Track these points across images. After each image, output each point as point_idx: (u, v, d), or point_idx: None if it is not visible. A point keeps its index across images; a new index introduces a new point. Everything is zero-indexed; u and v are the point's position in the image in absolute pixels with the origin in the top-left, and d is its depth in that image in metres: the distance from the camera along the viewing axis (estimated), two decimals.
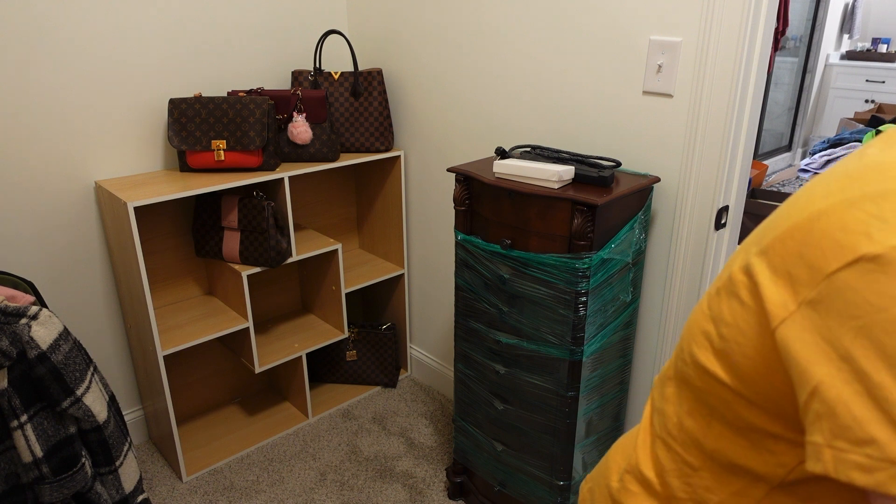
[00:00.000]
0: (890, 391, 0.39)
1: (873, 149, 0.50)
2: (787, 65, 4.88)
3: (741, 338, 0.51)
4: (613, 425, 1.73)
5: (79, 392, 1.22)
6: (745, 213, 3.10)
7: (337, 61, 2.29)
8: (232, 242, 1.97)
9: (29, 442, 1.17)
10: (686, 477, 0.62)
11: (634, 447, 0.71)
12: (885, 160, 0.46)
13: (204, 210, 2.00)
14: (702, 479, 0.60)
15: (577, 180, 1.44)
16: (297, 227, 2.27)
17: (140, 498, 1.43)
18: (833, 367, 0.42)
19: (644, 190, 1.48)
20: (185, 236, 2.08)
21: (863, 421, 0.40)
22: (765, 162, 4.52)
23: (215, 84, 2.03)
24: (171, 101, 1.84)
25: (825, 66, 5.15)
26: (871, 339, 0.40)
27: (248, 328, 1.99)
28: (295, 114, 1.98)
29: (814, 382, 0.43)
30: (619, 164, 1.47)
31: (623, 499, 0.69)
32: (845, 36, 5.23)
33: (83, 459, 1.26)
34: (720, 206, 1.45)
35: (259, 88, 1.97)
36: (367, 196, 2.44)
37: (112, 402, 1.34)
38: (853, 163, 0.49)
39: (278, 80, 2.17)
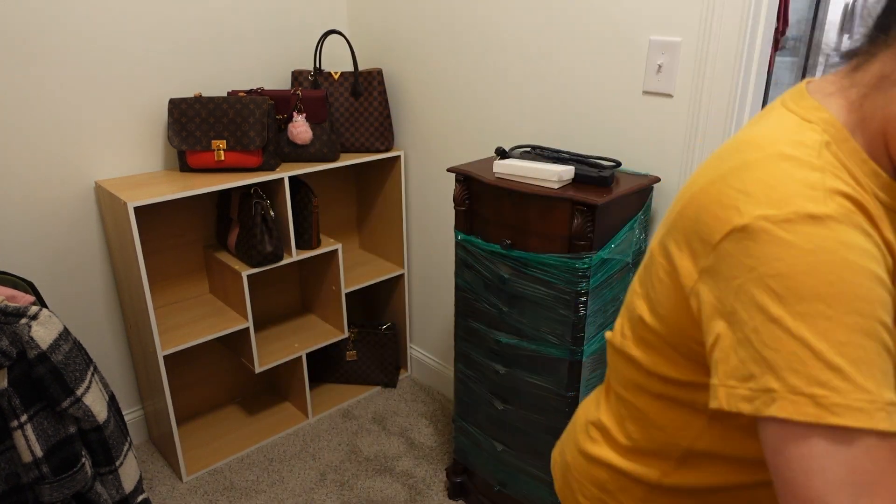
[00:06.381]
0: (761, 335, 0.47)
1: (742, 130, 0.60)
2: (787, 65, 4.88)
3: (666, 301, 0.62)
4: None
5: (79, 392, 1.22)
6: None
7: (337, 61, 2.29)
8: (233, 234, 1.99)
9: (29, 442, 1.17)
10: (639, 420, 0.71)
11: (597, 404, 0.81)
12: (744, 136, 0.57)
13: (222, 200, 2.07)
14: (653, 419, 0.69)
15: (577, 180, 1.44)
16: None
17: (140, 498, 1.43)
18: (724, 321, 0.51)
19: (644, 190, 1.48)
20: (186, 236, 2.08)
21: (745, 361, 0.48)
22: None
23: (215, 84, 2.03)
24: (171, 101, 1.84)
25: (825, 66, 5.15)
26: (747, 294, 0.49)
27: (248, 328, 1.99)
28: (295, 114, 1.98)
29: (713, 336, 0.52)
30: (619, 164, 1.47)
31: (587, 447, 0.78)
32: (845, 36, 5.23)
33: (83, 459, 1.26)
34: None
35: (259, 88, 1.97)
36: (367, 196, 2.44)
37: (112, 402, 1.34)
38: (726, 144, 0.59)
39: (278, 80, 2.17)
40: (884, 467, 0.43)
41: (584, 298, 1.40)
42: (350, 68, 2.31)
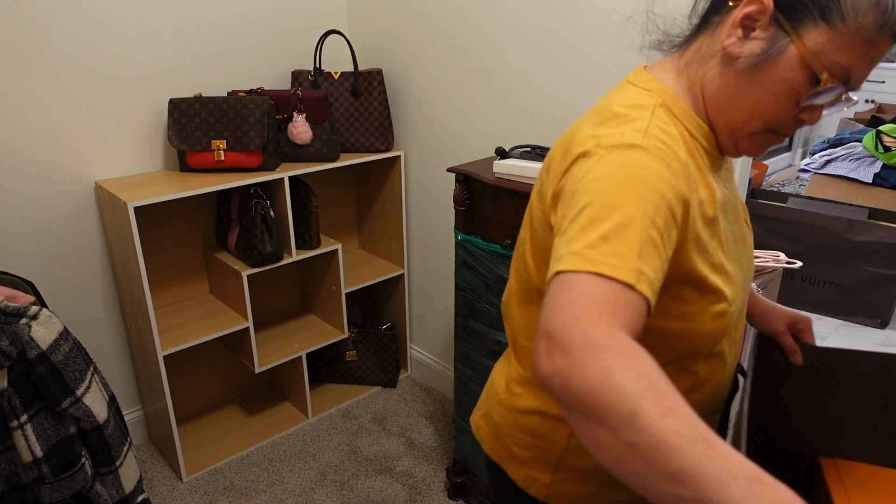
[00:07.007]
0: (572, 222, 0.60)
1: (599, 102, 0.76)
2: None
3: (542, 232, 0.75)
4: None
5: (79, 392, 1.22)
6: None
7: (337, 61, 2.29)
8: (233, 234, 1.99)
9: (29, 442, 1.17)
10: None
11: (509, 366, 0.90)
12: (598, 105, 0.74)
13: (222, 200, 2.07)
14: None
15: None
16: None
17: (140, 498, 1.43)
18: (558, 224, 0.64)
19: None
20: (186, 236, 2.08)
21: (559, 246, 0.60)
22: (765, 162, 4.52)
23: (215, 84, 2.03)
24: (171, 101, 1.84)
25: None
26: (574, 196, 0.63)
27: (248, 328, 1.99)
28: (295, 114, 1.98)
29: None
30: None
31: (514, 402, 0.86)
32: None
33: (83, 459, 1.26)
34: None
35: (259, 88, 1.97)
36: (367, 196, 2.44)
37: (112, 402, 1.34)
38: (588, 112, 0.76)
39: (278, 80, 2.17)
40: (625, 308, 0.55)
41: None
42: (350, 68, 2.31)
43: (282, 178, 1.93)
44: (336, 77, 2.09)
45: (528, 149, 1.64)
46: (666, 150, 0.64)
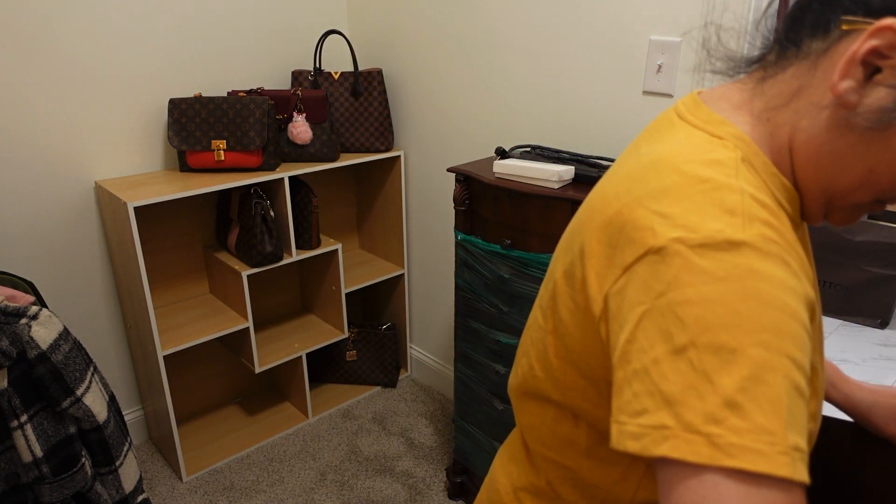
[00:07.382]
0: (661, 366, 0.42)
1: (644, 145, 0.57)
2: None
3: (577, 332, 0.54)
4: None
5: (79, 392, 1.22)
6: None
7: (337, 61, 2.29)
8: (233, 234, 1.99)
9: (29, 442, 1.17)
10: (572, 481, 0.63)
11: (518, 467, 0.71)
12: (657, 156, 0.52)
13: (222, 200, 2.07)
14: (585, 477, 0.62)
15: (577, 180, 1.44)
16: None
17: (140, 498, 1.43)
18: (621, 350, 0.45)
19: None
20: (185, 236, 2.08)
21: (639, 394, 0.42)
22: None
23: (215, 84, 2.03)
24: (171, 101, 1.84)
25: None
26: (650, 320, 0.43)
27: (248, 328, 1.99)
28: (295, 114, 1.98)
29: (612, 367, 0.47)
30: None
31: None
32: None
33: (83, 459, 1.26)
34: None
35: (259, 88, 1.97)
36: (367, 196, 2.44)
37: (112, 402, 1.34)
38: (632, 161, 0.55)
39: (278, 80, 2.17)
40: None
41: None
42: (350, 68, 2.31)
43: (282, 178, 1.93)
44: (336, 77, 2.09)
45: (528, 149, 1.64)
46: (776, 238, 0.44)
